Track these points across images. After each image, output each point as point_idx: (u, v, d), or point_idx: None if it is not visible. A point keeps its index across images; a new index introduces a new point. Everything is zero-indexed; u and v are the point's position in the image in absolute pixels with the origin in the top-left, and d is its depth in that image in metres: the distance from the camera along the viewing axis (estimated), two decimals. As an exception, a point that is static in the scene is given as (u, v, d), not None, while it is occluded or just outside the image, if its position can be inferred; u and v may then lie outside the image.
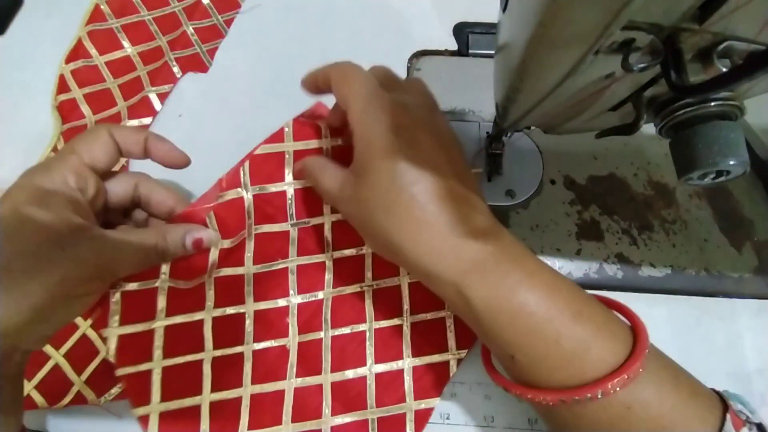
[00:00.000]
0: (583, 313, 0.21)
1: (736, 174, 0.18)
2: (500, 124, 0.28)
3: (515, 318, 0.21)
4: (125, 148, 0.27)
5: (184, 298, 0.28)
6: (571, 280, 0.23)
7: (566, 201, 0.35)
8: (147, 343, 0.27)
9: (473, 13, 0.41)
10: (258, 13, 0.42)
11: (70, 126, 0.37)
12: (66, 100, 0.37)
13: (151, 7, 0.41)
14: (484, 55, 0.40)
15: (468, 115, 0.38)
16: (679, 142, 0.19)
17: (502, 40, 0.21)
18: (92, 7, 0.40)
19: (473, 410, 0.29)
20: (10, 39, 0.41)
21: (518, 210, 0.34)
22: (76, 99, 0.37)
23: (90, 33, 0.39)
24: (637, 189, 0.35)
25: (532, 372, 0.21)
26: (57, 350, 0.30)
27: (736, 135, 0.18)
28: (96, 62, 0.38)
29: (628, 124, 0.20)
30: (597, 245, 0.33)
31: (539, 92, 0.20)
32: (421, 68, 0.39)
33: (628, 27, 0.14)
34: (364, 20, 0.41)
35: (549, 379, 0.21)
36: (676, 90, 0.16)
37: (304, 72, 0.39)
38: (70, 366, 0.30)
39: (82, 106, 0.37)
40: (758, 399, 0.29)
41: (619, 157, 0.36)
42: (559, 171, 0.35)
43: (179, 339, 0.28)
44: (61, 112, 0.37)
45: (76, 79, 0.38)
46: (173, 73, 0.39)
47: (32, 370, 0.30)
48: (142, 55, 0.39)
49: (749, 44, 0.16)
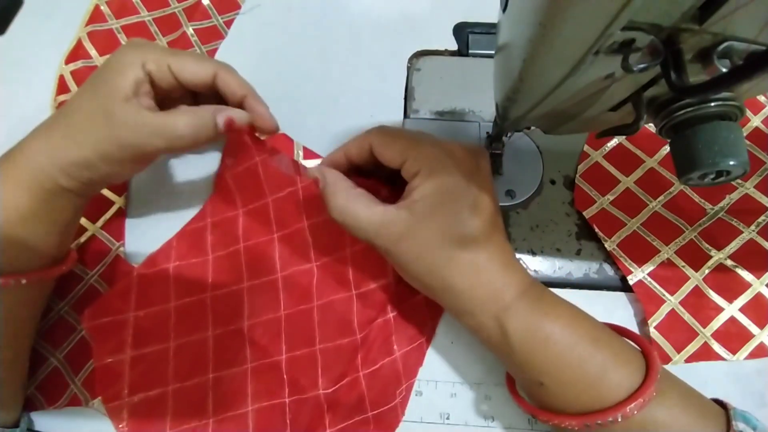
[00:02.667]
0: (601, 339, 0.24)
1: (737, 174, 0.18)
2: (500, 124, 0.28)
3: (545, 346, 0.24)
4: (224, 90, 0.29)
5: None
6: (584, 312, 0.26)
7: (566, 201, 0.35)
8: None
9: (473, 13, 0.41)
10: (258, 13, 0.42)
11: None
12: (66, 100, 0.37)
13: (151, 8, 0.41)
14: (484, 55, 0.40)
15: (468, 115, 0.38)
16: (679, 143, 0.19)
17: (502, 40, 0.21)
18: (92, 8, 0.40)
19: (473, 410, 0.29)
20: (10, 39, 0.41)
21: (518, 210, 0.34)
22: None
23: (90, 33, 0.39)
24: (637, 189, 0.35)
25: (559, 397, 0.24)
26: (55, 351, 0.30)
27: (736, 135, 0.18)
28: (96, 63, 0.38)
29: (628, 124, 0.20)
30: (597, 245, 0.33)
31: (539, 92, 0.20)
32: (421, 68, 0.39)
33: (628, 27, 0.14)
34: (364, 20, 0.41)
35: (574, 403, 0.23)
36: (676, 90, 0.16)
37: (304, 72, 0.39)
38: (68, 368, 0.30)
39: None
40: (758, 399, 0.29)
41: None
42: (559, 171, 0.35)
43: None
44: None
45: (76, 79, 0.38)
46: None
47: (31, 372, 0.30)
48: None
49: (749, 44, 0.16)
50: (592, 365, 0.23)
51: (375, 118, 0.37)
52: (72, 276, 0.32)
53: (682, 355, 0.29)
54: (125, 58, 0.26)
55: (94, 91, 0.26)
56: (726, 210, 0.33)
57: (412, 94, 0.38)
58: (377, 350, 0.30)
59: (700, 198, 0.33)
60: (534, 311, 0.24)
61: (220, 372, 0.29)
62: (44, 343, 0.31)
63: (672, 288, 0.31)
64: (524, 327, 0.24)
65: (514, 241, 0.33)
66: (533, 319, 0.24)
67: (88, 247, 0.33)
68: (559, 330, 0.24)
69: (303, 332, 0.30)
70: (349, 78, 0.39)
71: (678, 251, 0.32)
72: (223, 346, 0.30)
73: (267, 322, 0.30)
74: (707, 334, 0.30)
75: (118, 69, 0.26)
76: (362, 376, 0.29)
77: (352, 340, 0.29)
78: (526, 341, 0.24)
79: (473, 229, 0.24)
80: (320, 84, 0.39)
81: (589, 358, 0.23)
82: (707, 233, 0.32)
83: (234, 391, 0.29)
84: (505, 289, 0.25)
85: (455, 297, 0.25)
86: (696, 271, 0.31)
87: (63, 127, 0.26)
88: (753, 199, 0.33)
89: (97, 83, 0.26)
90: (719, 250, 0.32)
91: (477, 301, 0.25)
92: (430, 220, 0.24)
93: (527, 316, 0.24)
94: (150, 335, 0.30)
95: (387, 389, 0.29)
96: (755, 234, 0.32)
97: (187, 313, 0.30)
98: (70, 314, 0.31)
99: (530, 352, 0.24)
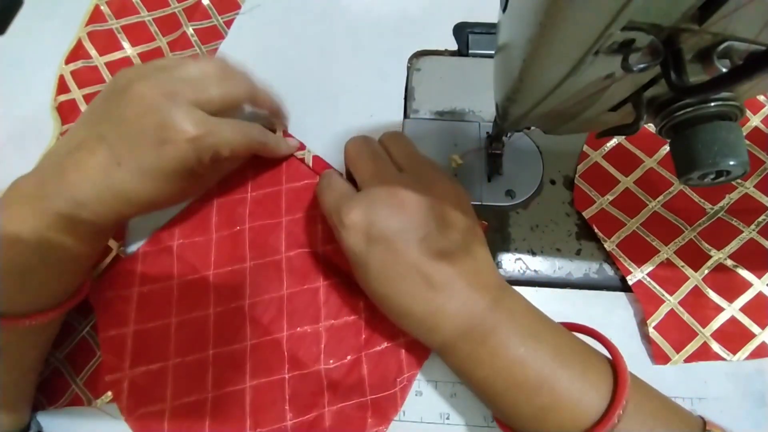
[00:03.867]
0: (567, 358, 0.24)
1: (736, 174, 0.18)
2: (500, 124, 0.28)
3: (509, 371, 0.23)
4: (261, 104, 0.31)
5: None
6: (551, 320, 0.26)
7: (566, 201, 0.35)
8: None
9: (473, 13, 0.41)
10: (258, 13, 0.42)
11: (70, 127, 0.37)
12: (66, 100, 0.37)
13: (151, 8, 0.41)
14: (484, 55, 0.40)
15: (468, 115, 0.38)
16: (679, 143, 0.19)
17: (502, 40, 0.21)
18: (92, 8, 0.40)
19: (473, 410, 0.29)
20: (10, 39, 0.41)
21: (518, 210, 0.34)
22: (76, 100, 0.37)
23: (90, 34, 0.39)
24: (637, 189, 0.35)
25: (520, 422, 0.24)
26: (56, 351, 0.30)
27: (736, 135, 0.18)
28: (96, 63, 0.38)
29: (628, 124, 0.20)
30: (597, 245, 0.33)
31: (539, 92, 0.20)
32: (421, 68, 0.39)
33: (628, 27, 0.14)
34: (364, 20, 0.41)
35: (546, 426, 0.23)
36: (676, 90, 0.16)
37: (304, 72, 0.39)
38: (69, 368, 0.30)
39: (81, 107, 0.37)
40: (758, 399, 0.29)
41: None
42: (559, 171, 0.35)
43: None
44: (60, 113, 0.37)
45: (76, 79, 0.38)
46: None
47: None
48: (142, 56, 0.39)
49: (749, 44, 0.16)
50: (560, 385, 0.23)
51: (375, 118, 0.37)
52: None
53: (681, 355, 0.29)
54: (192, 160, 0.26)
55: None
56: (726, 210, 0.33)
57: (412, 94, 0.38)
58: (381, 332, 0.30)
59: (699, 198, 0.33)
60: (497, 333, 0.24)
61: (221, 348, 0.30)
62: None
63: (671, 288, 0.31)
64: (484, 352, 0.24)
65: (514, 241, 0.33)
66: (496, 344, 0.24)
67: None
68: (526, 352, 0.23)
69: (307, 311, 0.31)
70: (349, 78, 0.39)
71: (677, 251, 0.32)
72: (224, 323, 0.30)
73: (269, 300, 0.31)
74: (706, 334, 0.30)
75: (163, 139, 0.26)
76: (364, 357, 0.30)
77: (358, 319, 0.30)
78: (487, 368, 0.24)
79: (438, 244, 0.25)
80: (320, 84, 0.39)
81: (557, 379, 0.23)
82: (707, 233, 0.32)
83: (234, 367, 0.29)
84: (462, 312, 0.24)
85: (404, 322, 0.26)
86: (695, 271, 0.31)
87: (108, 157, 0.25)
88: (753, 199, 0.33)
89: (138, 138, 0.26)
90: (719, 249, 0.32)
91: (433, 324, 0.25)
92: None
93: (487, 341, 0.24)
94: (153, 311, 0.31)
95: (388, 375, 0.29)
96: (755, 234, 0.32)
97: (189, 291, 0.31)
98: (70, 314, 0.31)
99: (495, 382, 0.24)
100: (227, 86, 0.28)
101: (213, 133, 0.26)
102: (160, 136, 0.25)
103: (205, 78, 0.27)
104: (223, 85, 0.27)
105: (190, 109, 0.26)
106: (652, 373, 0.30)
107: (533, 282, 0.32)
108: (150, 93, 0.25)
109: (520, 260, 0.33)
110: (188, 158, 0.26)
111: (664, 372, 0.30)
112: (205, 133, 0.26)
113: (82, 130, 0.26)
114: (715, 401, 0.29)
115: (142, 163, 0.25)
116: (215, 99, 0.27)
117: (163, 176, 0.26)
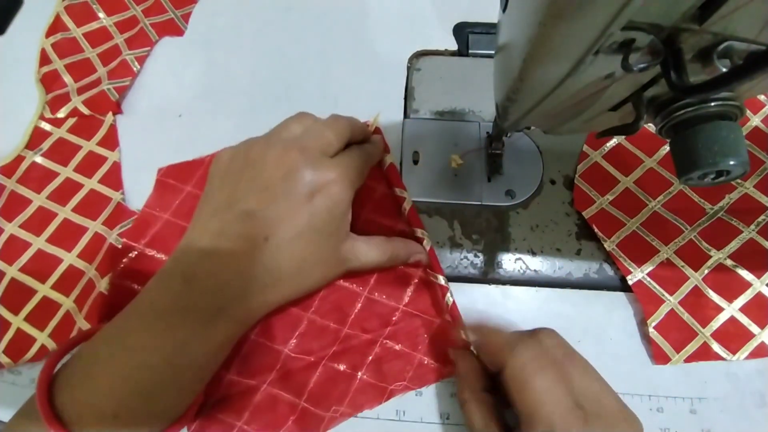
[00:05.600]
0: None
1: (737, 174, 0.18)
2: (500, 124, 0.28)
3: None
4: (358, 135, 0.32)
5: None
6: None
7: (566, 201, 0.35)
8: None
9: (473, 13, 0.41)
10: (258, 12, 0.42)
11: (54, 95, 0.38)
12: (48, 71, 0.39)
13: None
14: (484, 55, 0.40)
15: (468, 115, 0.38)
16: (679, 143, 0.19)
17: (502, 40, 0.21)
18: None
19: (473, 410, 0.29)
20: (10, 39, 0.40)
21: (518, 210, 0.34)
22: (58, 69, 0.39)
23: (67, 7, 0.41)
24: (637, 189, 0.35)
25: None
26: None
27: (736, 135, 0.18)
28: (74, 34, 0.40)
29: (628, 124, 0.20)
30: (597, 245, 0.33)
31: (539, 92, 0.20)
32: (421, 68, 0.39)
33: (628, 27, 0.14)
34: (364, 20, 0.41)
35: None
36: (676, 90, 0.16)
37: (303, 72, 0.39)
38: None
39: (63, 76, 0.39)
40: (758, 399, 0.29)
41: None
42: (559, 171, 0.35)
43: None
44: (44, 83, 0.38)
45: (57, 51, 0.39)
46: (150, 39, 0.41)
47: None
48: (118, 25, 0.41)
49: (749, 44, 0.16)
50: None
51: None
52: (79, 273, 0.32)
53: (681, 355, 0.29)
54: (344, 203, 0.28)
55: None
56: (725, 210, 0.33)
57: (412, 94, 0.38)
58: (404, 335, 0.31)
59: (699, 198, 0.33)
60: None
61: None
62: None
63: (671, 288, 0.31)
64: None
65: (514, 241, 0.33)
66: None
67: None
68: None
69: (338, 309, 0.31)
70: (349, 78, 0.39)
71: (677, 251, 0.32)
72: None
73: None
74: (706, 333, 0.30)
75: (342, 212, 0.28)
76: (380, 343, 0.30)
77: (391, 310, 0.31)
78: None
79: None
80: (320, 84, 0.39)
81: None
82: (707, 233, 0.32)
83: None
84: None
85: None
86: (695, 271, 0.31)
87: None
88: (753, 199, 0.33)
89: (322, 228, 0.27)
90: (719, 249, 0.32)
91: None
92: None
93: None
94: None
95: (390, 372, 0.30)
96: (755, 233, 0.32)
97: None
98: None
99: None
100: (335, 127, 0.29)
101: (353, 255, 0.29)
102: (310, 190, 0.26)
103: (314, 127, 0.29)
104: (331, 127, 0.29)
105: (324, 158, 0.27)
106: (652, 373, 0.30)
107: (533, 282, 0.32)
108: (288, 154, 0.27)
109: (520, 260, 0.33)
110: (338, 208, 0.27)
111: (664, 372, 0.30)
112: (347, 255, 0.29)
113: (215, 222, 0.27)
114: (715, 401, 0.29)
115: (296, 226, 0.26)
116: (334, 142, 0.28)
117: (316, 235, 0.27)
